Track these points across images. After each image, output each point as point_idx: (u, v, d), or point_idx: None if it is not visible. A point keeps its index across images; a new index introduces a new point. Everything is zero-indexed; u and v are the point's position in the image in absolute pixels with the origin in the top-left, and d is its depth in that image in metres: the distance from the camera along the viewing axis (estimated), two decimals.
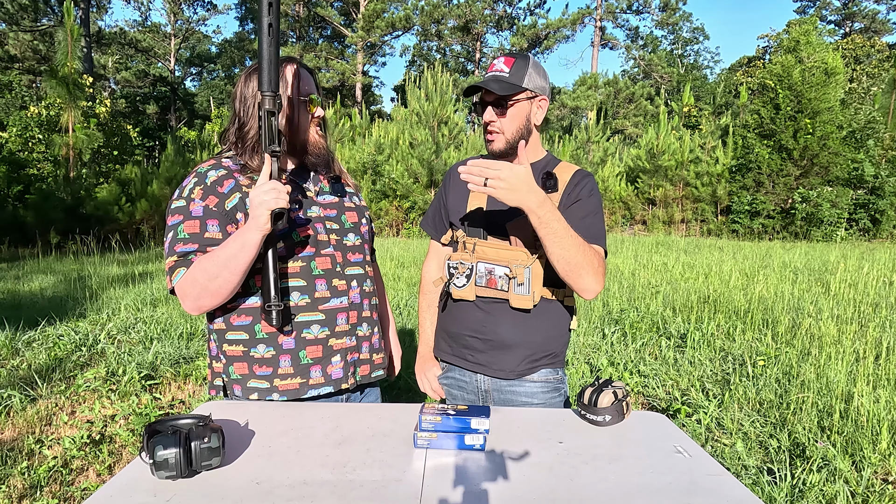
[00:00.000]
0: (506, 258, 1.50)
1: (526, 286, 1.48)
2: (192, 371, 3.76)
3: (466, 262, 1.53)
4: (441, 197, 1.72)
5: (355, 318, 1.48)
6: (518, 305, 1.49)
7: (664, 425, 1.33)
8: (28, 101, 18.45)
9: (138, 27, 35.22)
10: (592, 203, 1.52)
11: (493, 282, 1.51)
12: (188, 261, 1.31)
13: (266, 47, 1.24)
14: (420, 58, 34.85)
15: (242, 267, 1.27)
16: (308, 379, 1.42)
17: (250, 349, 1.40)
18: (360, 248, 1.54)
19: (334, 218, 1.49)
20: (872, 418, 2.84)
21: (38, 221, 10.40)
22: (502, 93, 1.44)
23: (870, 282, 6.61)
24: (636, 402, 3.45)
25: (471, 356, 1.60)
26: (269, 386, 1.40)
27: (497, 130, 1.49)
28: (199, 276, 1.28)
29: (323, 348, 1.42)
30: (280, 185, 1.23)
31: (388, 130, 14.97)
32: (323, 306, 1.42)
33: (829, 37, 34.30)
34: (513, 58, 1.49)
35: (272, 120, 1.27)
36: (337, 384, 1.45)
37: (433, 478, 1.05)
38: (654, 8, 35.76)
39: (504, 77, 1.46)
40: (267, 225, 1.22)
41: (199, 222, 1.33)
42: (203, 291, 1.29)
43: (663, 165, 15.82)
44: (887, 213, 13.80)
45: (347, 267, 1.48)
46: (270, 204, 1.21)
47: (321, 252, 1.43)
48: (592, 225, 1.50)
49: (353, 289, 1.48)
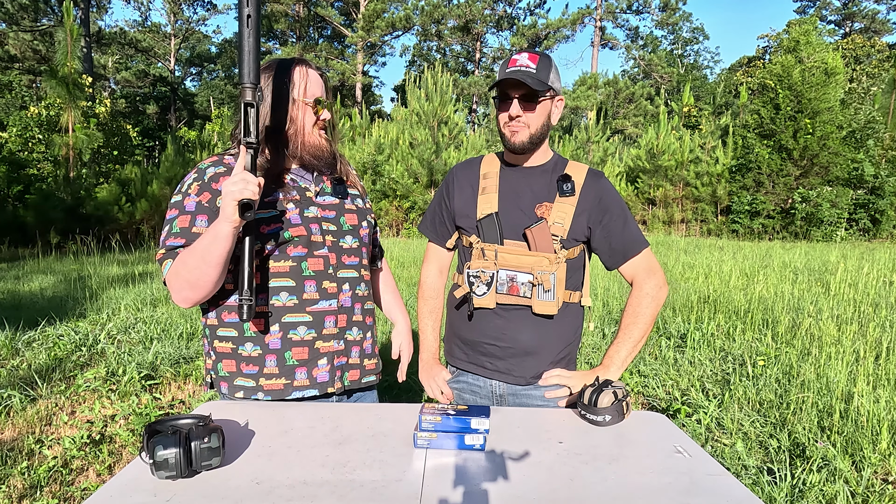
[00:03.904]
0: (528, 264, 1.47)
1: (552, 292, 1.47)
2: (192, 371, 3.76)
3: (488, 270, 1.50)
4: (443, 199, 1.67)
5: (345, 321, 1.46)
6: (542, 312, 1.48)
7: (664, 425, 1.33)
8: (28, 101, 18.45)
9: (138, 27, 35.20)
10: (621, 209, 1.54)
11: (514, 289, 1.48)
12: (175, 254, 1.33)
13: (246, 38, 1.23)
14: (420, 58, 34.84)
15: (217, 259, 1.26)
16: (293, 380, 1.42)
17: (238, 347, 1.41)
18: (357, 251, 1.52)
19: (332, 219, 1.48)
20: (872, 418, 2.84)
21: (38, 221, 10.39)
22: (537, 87, 1.42)
23: (870, 282, 6.61)
24: (636, 402, 3.45)
25: (489, 364, 1.57)
26: (254, 385, 1.41)
27: (523, 124, 1.48)
28: (181, 269, 1.30)
29: (309, 350, 1.42)
30: (250, 177, 1.22)
31: (388, 130, 14.96)
32: (310, 308, 1.42)
33: (829, 37, 34.30)
34: (536, 55, 1.48)
35: (250, 111, 1.25)
36: (322, 387, 1.44)
37: (433, 478, 1.05)
38: (654, 8, 35.74)
39: (532, 73, 1.44)
40: (234, 216, 1.20)
41: (191, 217, 1.35)
42: (185, 284, 1.30)
43: (663, 165, 15.82)
44: (887, 213, 13.80)
45: (341, 269, 1.47)
46: (237, 195, 1.19)
47: (314, 253, 1.42)
48: (632, 232, 1.54)
49: (343, 292, 1.46)
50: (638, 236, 1.54)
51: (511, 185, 1.56)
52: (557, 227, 1.49)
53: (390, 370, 1.84)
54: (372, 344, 1.57)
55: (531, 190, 1.54)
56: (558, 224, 1.49)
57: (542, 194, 1.53)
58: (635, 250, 1.53)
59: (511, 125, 1.48)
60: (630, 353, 1.51)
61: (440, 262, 1.74)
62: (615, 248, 1.53)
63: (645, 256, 1.55)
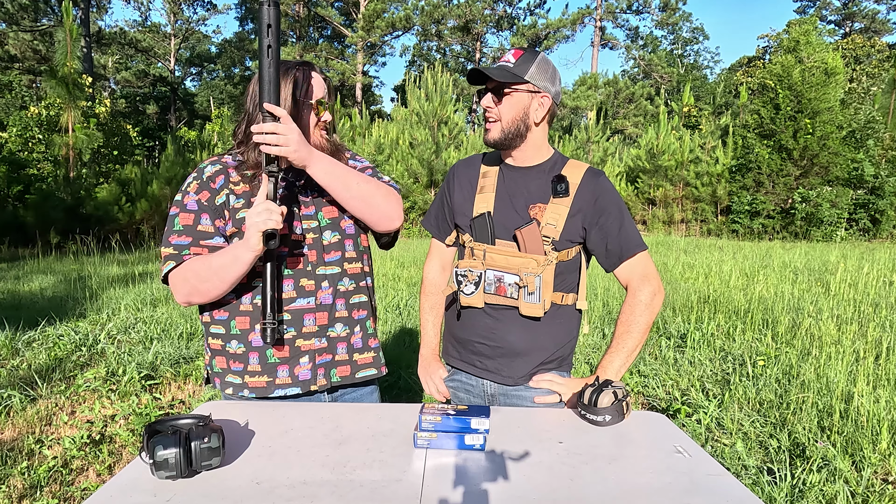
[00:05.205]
0: (516, 265, 1.47)
1: (536, 294, 1.46)
2: (192, 371, 3.76)
3: (476, 269, 1.50)
4: (444, 195, 1.67)
5: (325, 319, 1.46)
6: (528, 313, 1.48)
7: (664, 425, 1.33)
8: (28, 101, 18.46)
9: (138, 27, 35.18)
10: (618, 209, 1.51)
11: (502, 289, 1.48)
12: (181, 256, 1.37)
13: (266, 69, 1.26)
14: (420, 58, 34.84)
15: (232, 278, 1.34)
16: (275, 378, 1.44)
17: (226, 344, 1.45)
18: (339, 245, 1.50)
19: (312, 216, 1.48)
20: (872, 418, 2.84)
21: (38, 221, 10.39)
22: (500, 79, 1.44)
23: (870, 282, 6.61)
24: (636, 402, 3.45)
25: (479, 362, 1.58)
26: (241, 382, 1.44)
27: (495, 118, 1.49)
28: (191, 277, 1.35)
29: (290, 349, 1.43)
30: (273, 206, 1.26)
31: (388, 130, 14.96)
32: (289, 307, 1.43)
33: (829, 37, 34.29)
34: (521, 51, 1.48)
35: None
36: (305, 385, 1.45)
37: (433, 478, 1.05)
38: (654, 8, 35.73)
39: (508, 67, 1.45)
40: (259, 245, 1.26)
41: (194, 215, 1.39)
42: (193, 291, 1.36)
43: (663, 165, 15.82)
44: (887, 213, 13.79)
45: (321, 267, 1.46)
46: (261, 225, 1.25)
47: (293, 251, 1.43)
48: (629, 234, 1.51)
49: (323, 289, 1.46)
50: (635, 238, 1.52)
51: (509, 184, 1.56)
52: (549, 229, 1.47)
53: (390, 369, 1.85)
54: (363, 338, 1.54)
55: (527, 190, 1.53)
56: (550, 225, 1.48)
57: (537, 195, 1.52)
58: (631, 252, 1.51)
59: (486, 122, 1.51)
60: (624, 364, 1.48)
61: (442, 259, 1.73)
62: (611, 250, 1.51)
63: (641, 260, 1.52)
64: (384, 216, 1.48)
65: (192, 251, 1.38)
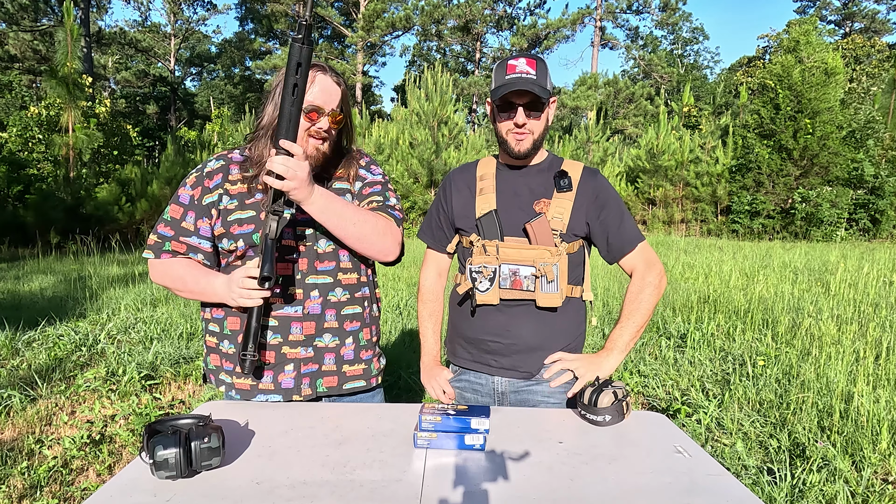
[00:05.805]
0: (530, 257, 1.48)
1: (555, 283, 1.48)
2: (192, 371, 3.76)
3: (490, 265, 1.49)
4: (441, 205, 1.67)
5: (312, 328, 1.43)
6: (546, 304, 1.48)
7: (664, 425, 1.33)
8: (28, 101, 18.44)
9: (138, 27, 35.17)
10: (617, 204, 1.57)
11: (517, 283, 1.49)
12: (160, 250, 1.44)
13: (288, 106, 1.24)
14: (420, 58, 34.84)
15: (202, 300, 1.45)
16: (258, 382, 1.43)
17: (219, 343, 1.47)
18: (333, 254, 1.46)
19: (307, 222, 1.42)
20: (872, 418, 2.84)
21: (38, 221, 10.39)
22: (543, 96, 1.44)
23: (870, 282, 6.61)
24: (636, 402, 3.45)
25: (494, 361, 1.57)
26: (230, 381, 1.46)
27: (528, 132, 1.50)
28: (168, 280, 1.45)
29: (276, 355, 1.43)
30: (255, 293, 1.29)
31: (388, 130, 14.95)
32: (276, 313, 1.42)
33: (829, 37, 34.28)
34: (533, 59, 1.48)
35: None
36: (287, 394, 1.43)
37: (433, 478, 1.05)
38: (654, 8, 35.72)
39: (533, 79, 1.45)
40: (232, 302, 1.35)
41: (182, 210, 1.43)
42: (168, 285, 1.47)
43: (663, 165, 15.82)
44: (887, 213, 13.79)
45: (311, 275, 1.43)
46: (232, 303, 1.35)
47: (283, 257, 1.41)
48: (628, 227, 1.57)
49: (312, 298, 1.43)
50: (634, 231, 1.58)
51: (508, 184, 1.58)
52: (556, 222, 1.50)
53: (390, 369, 1.84)
54: (356, 349, 1.50)
55: (529, 188, 1.56)
56: (557, 218, 1.51)
57: (540, 191, 1.55)
58: (633, 244, 1.57)
59: (516, 133, 1.50)
60: (632, 338, 1.53)
61: (439, 266, 1.75)
62: (612, 244, 1.56)
63: (643, 250, 1.58)
64: (379, 253, 1.48)
65: (173, 246, 1.43)
